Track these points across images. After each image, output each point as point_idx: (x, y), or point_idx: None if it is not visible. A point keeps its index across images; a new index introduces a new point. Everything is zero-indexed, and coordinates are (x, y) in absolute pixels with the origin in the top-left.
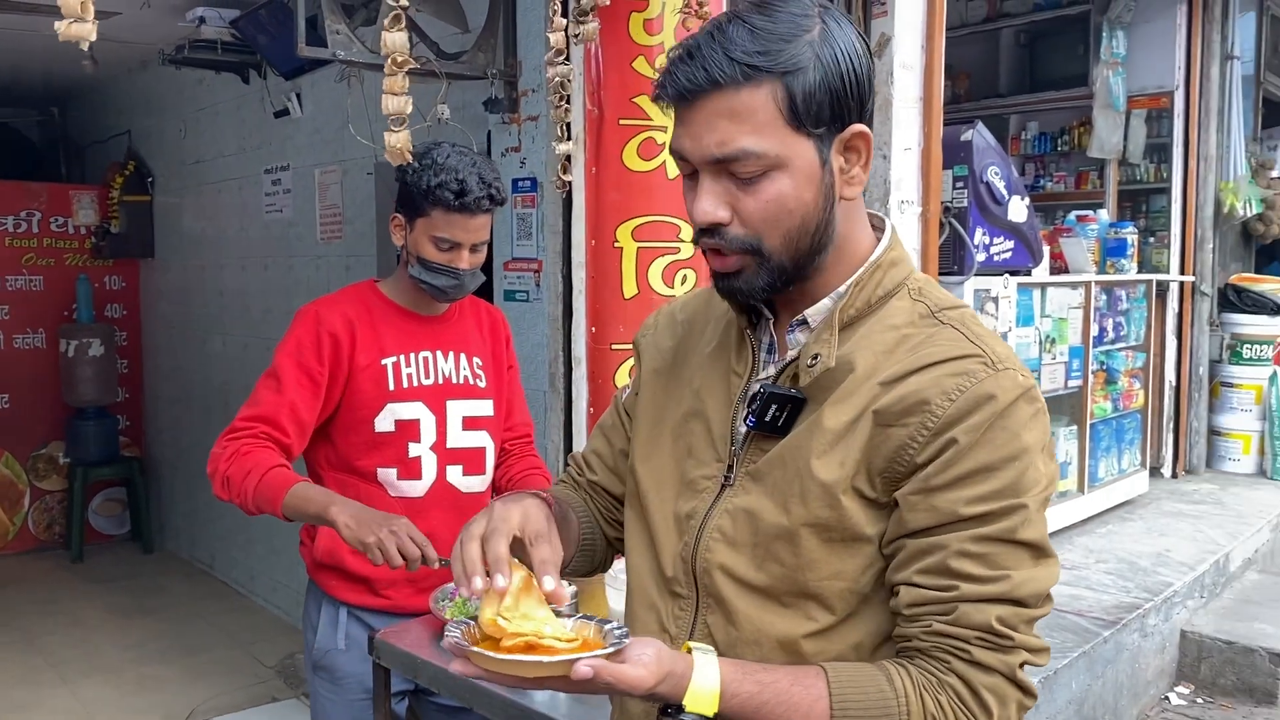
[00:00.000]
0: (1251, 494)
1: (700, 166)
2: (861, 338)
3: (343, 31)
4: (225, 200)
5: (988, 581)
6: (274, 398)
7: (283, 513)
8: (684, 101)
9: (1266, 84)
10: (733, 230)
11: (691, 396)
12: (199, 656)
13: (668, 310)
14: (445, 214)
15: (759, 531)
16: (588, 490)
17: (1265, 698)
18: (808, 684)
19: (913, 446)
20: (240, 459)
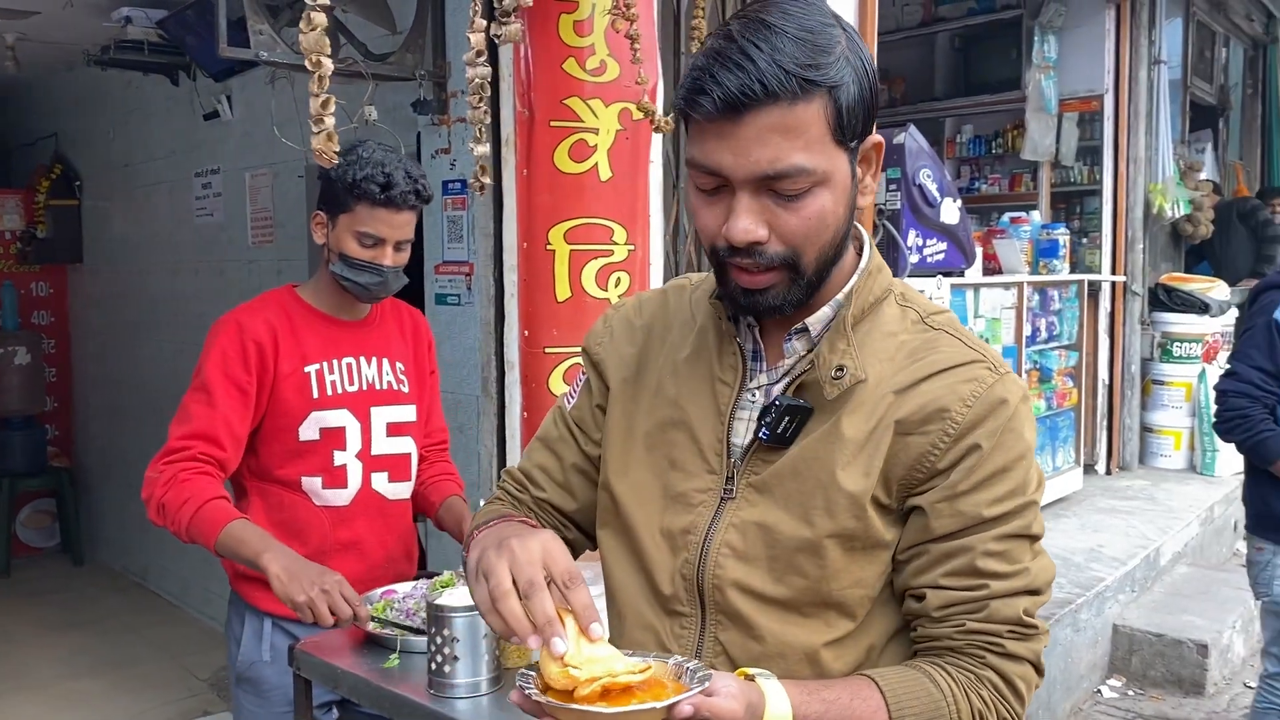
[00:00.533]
0: (1182, 489)
1: (740, 183)
2: (863, 346)
3: (266, 32)
4: (155, 204)
5: (1012, 577)
6: (207, 412)
7: (215, 550)
8: (731, 113)
9: (1193, 88)
10: (771, 248)
11: (668, 406)
12: (129, 670)
13: (621, 316)
14: (370, 208)
15: (776, 545)
16: (532, 508)
17: (1193, 688)
18: (865, 696)
19: (934, 453)
20: (178, 486)
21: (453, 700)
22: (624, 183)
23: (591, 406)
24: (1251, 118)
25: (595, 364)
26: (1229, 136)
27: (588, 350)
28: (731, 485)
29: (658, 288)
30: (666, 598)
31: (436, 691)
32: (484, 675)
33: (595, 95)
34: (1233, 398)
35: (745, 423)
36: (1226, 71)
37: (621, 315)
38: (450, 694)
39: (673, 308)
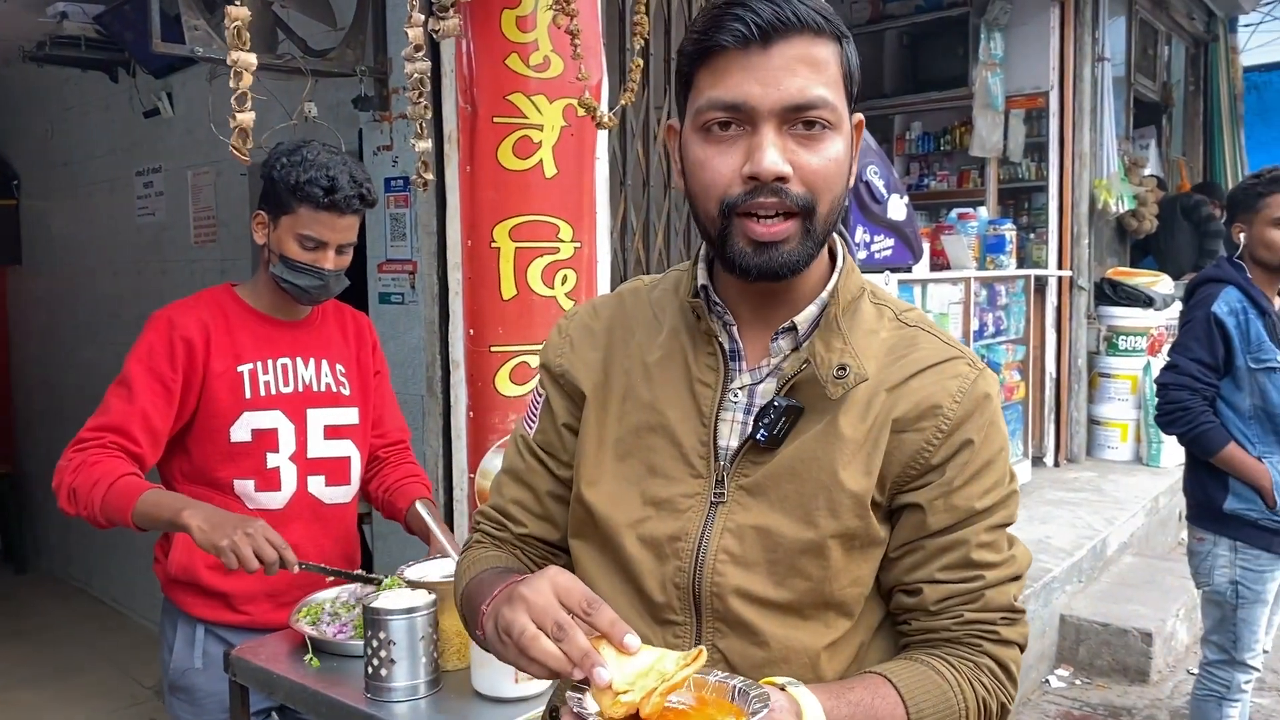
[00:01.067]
0: (1129, 480)
1: (766, 116)
2: (853, 344)
3: (202, 27)
4: (96, 203)
5: (1001, 566)
6: (124, 406)
7: (133, 521)
8: (761, 40)
9: (1137, 85)
10: (793, 188)
11: (642, 410)
12: (73, 679)
13: (578, 324)
14: (313, 211)
15: (777, 548)
16: (517, 545)
17: (1139, 676)
18: (883, 694)
19: (929, 449)
20: (87, 469)
21: (390, 704)
22: (569, 179)
23: (557, 427)
24: (1193, 114)
25: (559, 376)
26: (1172, 133)
27: (548, 366)
28: (721, 489)
29: (610, 292)
30: (658, 606)
31: (374, 695)
32: (422, 678)
33: (539, 91)
34: (1173, 390)
35: (730, 424)
36: (1169, 69)
37: (578, 322)
38: (388, 698)
39: (631, 310)
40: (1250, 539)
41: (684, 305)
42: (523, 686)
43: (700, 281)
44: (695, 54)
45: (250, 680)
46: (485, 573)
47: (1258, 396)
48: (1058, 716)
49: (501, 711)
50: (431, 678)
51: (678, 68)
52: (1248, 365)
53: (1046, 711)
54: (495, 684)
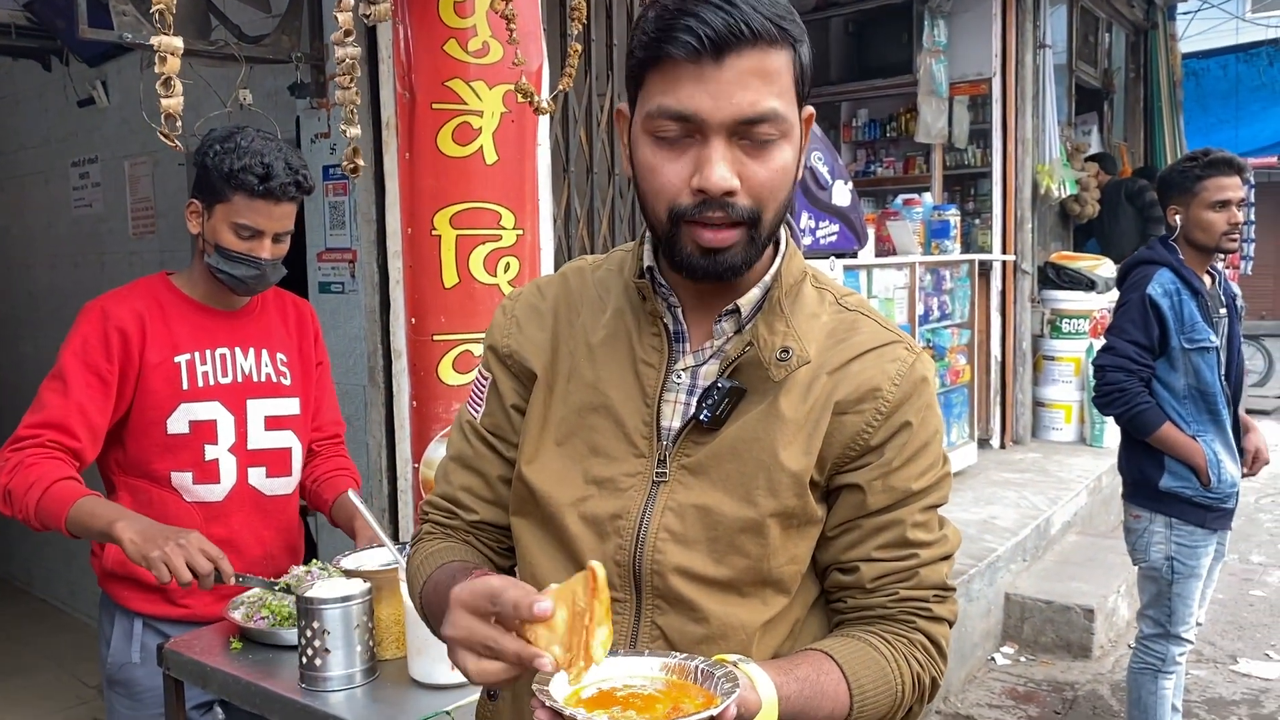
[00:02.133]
0: (1073, 460)
1: (716, 129)
2: (795, 327)
3: (130, 12)
4: (31, 195)
5: (934, 545)
6: (60, 401)
7: (67, 529)
8: (715, 54)
9: (1078, 71)
10: (740, 200)
11: (585, 390)
12: (16, 681)
13: (523, 305)
14: (248, 200)
15: (717, 526)
16: (469, 532)
17: (1081, 651)
18: (826, 670)
19: (868, 431)
20: (24, 470)
21: (325, 694)
22: (511, 166)
23: (505, 410)
24: (1135, 100)
25: (507, 357)
26: (1113, 118)
27: (495, 347)
28: (663, 468)
29: (554, 273)
30: None
31: (309, 685)
32: (358, 666)
33: (478, 77)
34: (1110, 372)
35: (673, 405)
36: (1110, 56)
37: (524, 303)
38: (323, 687)
39: (575, 290)
40: (1185, 515)
41: (629, 286)
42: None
43: (646, 263)
44: (645, 60)
45: (184, 673)
46: (438, 571)
47: (1192, 376)
48: (1003, 693)
49: (438, 698)
50: (367, 666)
51: (628, 63)
52: (1182, 346)
53: (992, 688)
54: (431, 671)
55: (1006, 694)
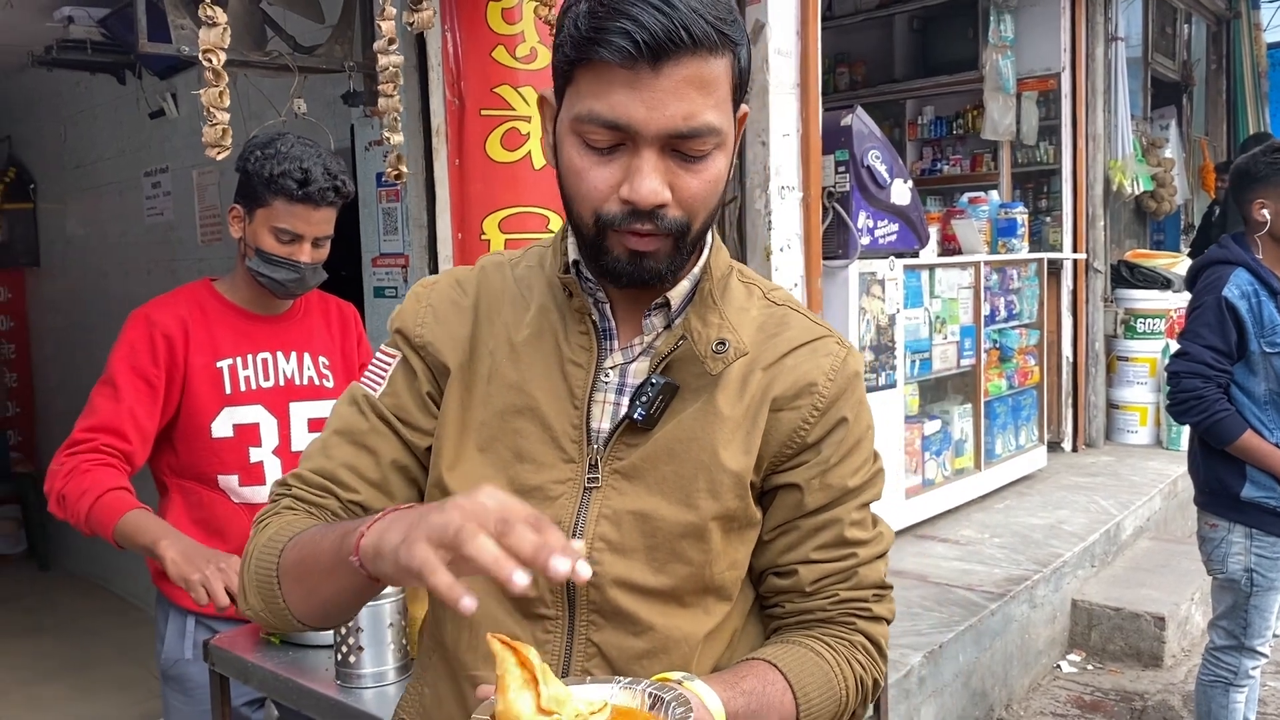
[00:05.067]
0: (1146, 464)
1: (649, 140)
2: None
3: (188, 26)
4: (107, 205)
5: (872, 543)
6: (112, 405)
7: (114, 540)
8: (652, 60)
9: (1154, 64)
10: (670, 213)
11: (508, 392)
12: (91, 673)
13: (440, 295)
14: (288, 204)
15: (656, 533)
16: (340, 515)
17: (1152, 660)
18: (771, 680)
19: (805, 427)
20: (78, 477)
21: (359, 690)
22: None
23: (419, 394)
24: (1215, 93)
25: (420, 348)
26: (1193, 112)
27: (405, 332)
28: (595, 473)
29: (470, 265)
30: (528, 601)
31: (344, 682)
32: (390, 664)
33: (526, 83)
34: (1186, 379)
35: (602, 405)
36: (1189, 47)
37: (441, 294)
38: (357, 684)
39: (496, 286)
40: (1267, 526)
41: (554, 282)
42: None
43: (571, 257)
44: (575, 59)
45: (228, 669)
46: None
47: (1273, 381)
48: (1068, 701)
49: None
50: (400, 664)
51: (555, 55)
52: (1262, 349)
53: (1057, 696)
54: None
55: (1072, 702)
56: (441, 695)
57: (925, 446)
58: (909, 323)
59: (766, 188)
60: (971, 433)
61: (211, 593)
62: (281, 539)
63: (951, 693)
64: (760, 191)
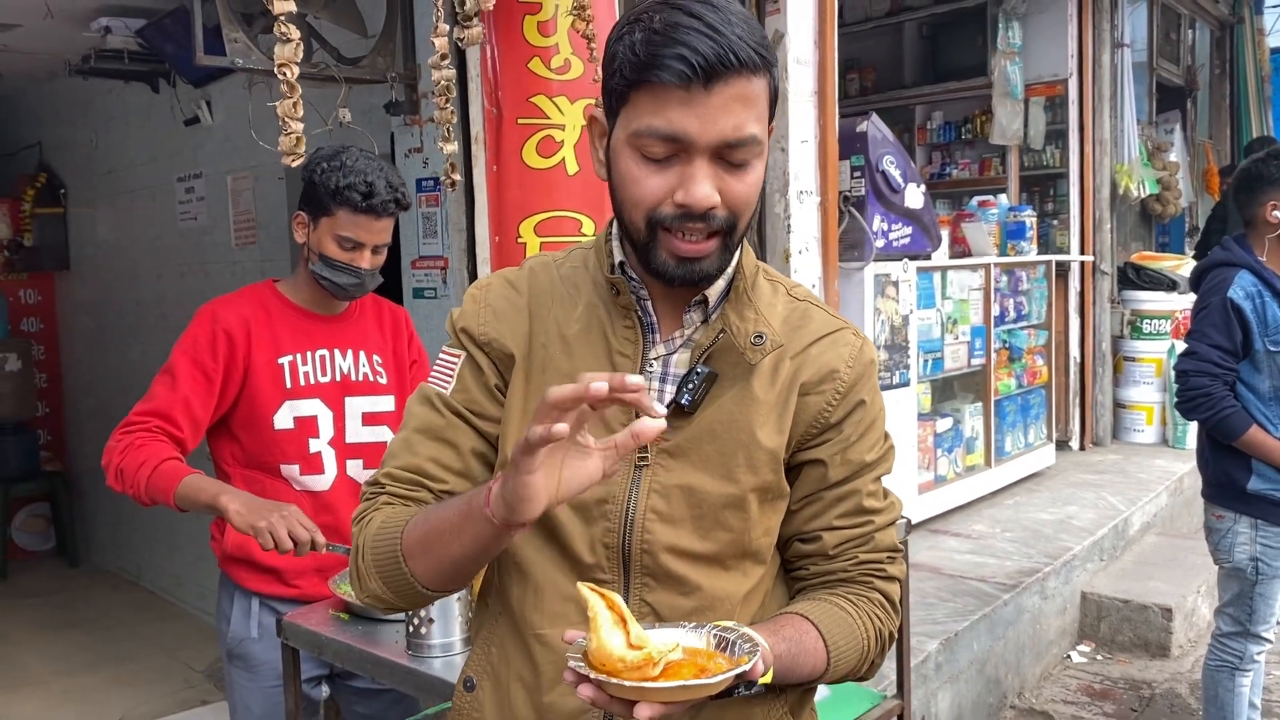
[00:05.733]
0: (1153, 462)
1: (702, 150)
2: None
3: (241, 40)
4: (139, 209)
5: (886, 510)
6: (168, 394)
7: (175, 502)
8: (705, 81)
9: (1160, 70)
10: (719, 214)
11: (562, 381)
12: (127, 665)
13: (497, 295)
14: (351, 214)
15: (701, 504)
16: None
17: (1159, 651)
18: (805, 629)
19: (829, 409)
20: (134, 451)
21: (430, 659)
22: (590, 176)
23: (487, 386)
24: (1220, 97)
25: (486, 343)
26: (1197, 116)
27: (470, 332)
28: (644, 453)
29: (519, 268)
30: (587, 566)
31: (414, 652)
32: (457, 635)
33: (561, 93)
34: (1194, 377)
35: (649, 392)
36: (1193, 53)
37: (497, 294)
38: (426, 654)
39: (545, 285)
40: (1271, 517)
41: (600, 281)
42: None
43: (617, 258)
44: (634, 81)
45: (301, 643)
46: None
47: (1276, 378)
48: (1079, 689)
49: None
50: (466, 636)
51: (610, 79)
52: (1266, 348)
53: (1067, 685)
54: None
55: (1082, 691)
56: (509, 652)
57: (937, 443)
58: (922, 323)
59: (786, 192)
60: (982, 430)
61: (276, 538)
62: (394, 524)
63: (967, 679)
64: (780, 196)
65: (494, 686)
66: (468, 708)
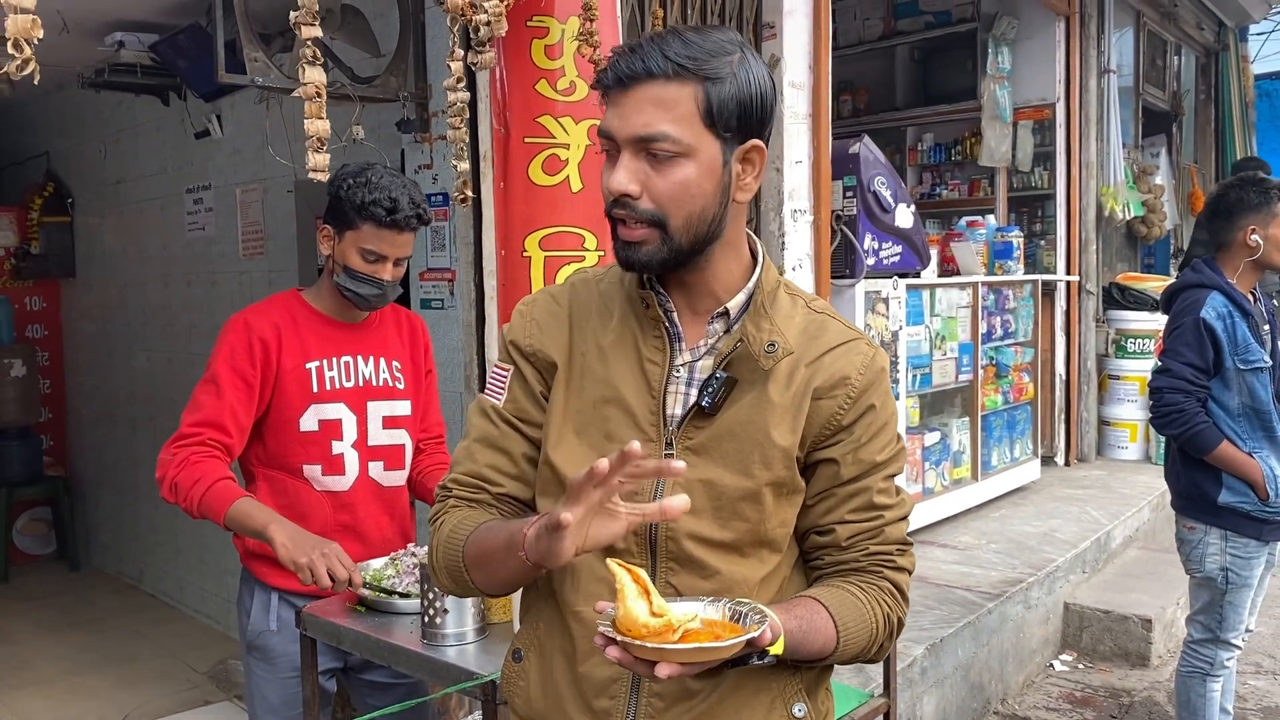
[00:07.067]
0: (1136, 478)
1: (623, 144)
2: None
3: (260, 59)
4: (147, 219)
5: (896, 506)
6: (215, 402)
7: (224, 524)
8: (620, 87)
9: (1145, 95)
10: (642, 204)
11: (599, 385)
12: (130, 666)
13: (542, 309)
14: (375, 229)
15: (721, 497)
16: (494, 505)
17: (1139, 660)
18: (816, 610)
19: (840, 413)
20: (189, 467)
21: (444, 648)
22: (593, 193)
23: (533, 395)
24: (1205, 122)
25: (531, 355)
26: (1182, 140)
27: (518, 344)
28: (670, 450)
29: (562, 283)
30: (619, 551)
31: (429, 641)
32: (470, 626)
33: (566, 113)
34: (1168, 393)
35: (675, 395)
36: (1179, 78)
37: (542, 308)
38: (441, 642)
39: (584, 299)
40: (1240, 529)
41: (633, 295)
42: None
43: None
44: (599, 91)
45: (320, 634)
46: (492, 521)
47: (1246, 395)
48: (1060, 697)
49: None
50: (479, 626)
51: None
52: (1236, 366)
53: (1049, 693)
54: None
55: (1064, 698)
56: (553, 628)
57: (925, 457)
58: (911, 339)
59: (780, 211)
60: (969, 445)
61: (316, 576)
62: (461, 534)
63: (951, 684)
64: (774, 214)
65: (539, 658)
66: (515, 676)
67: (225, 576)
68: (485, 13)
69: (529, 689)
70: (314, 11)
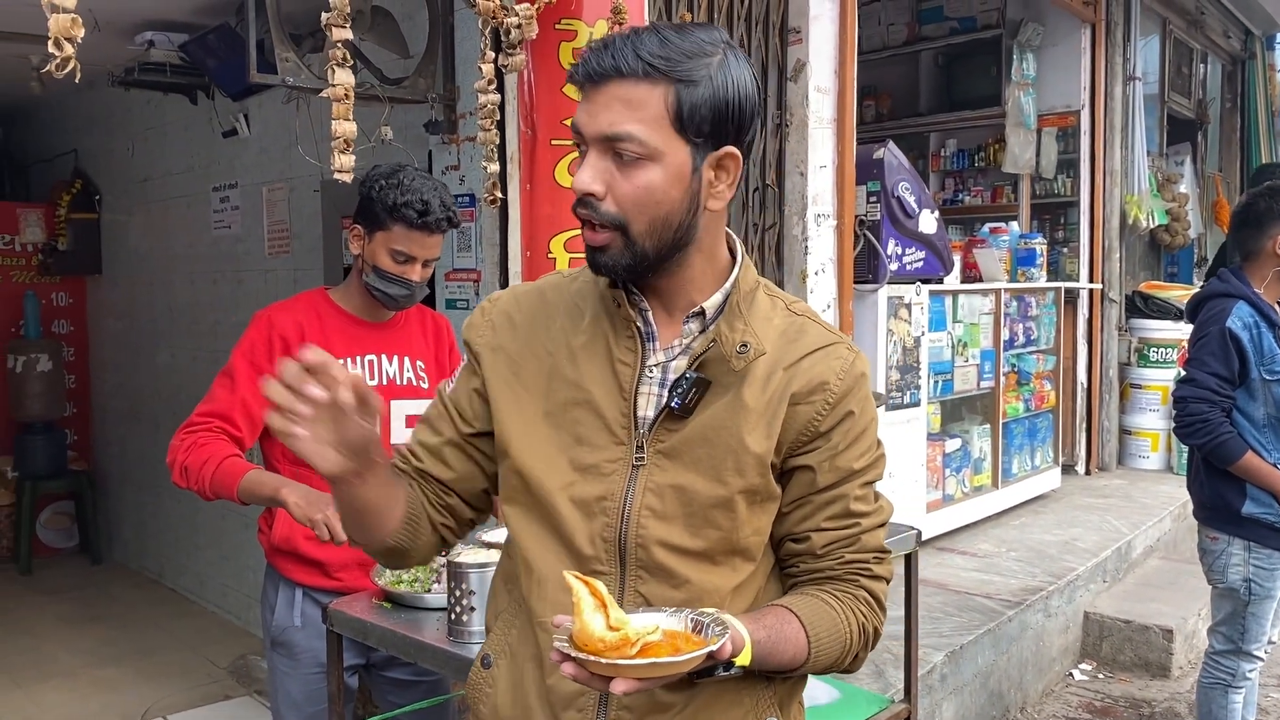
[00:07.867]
0: (1157, 488)
1: (590, 142)
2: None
3: (291, 59)
4: (173, 217)
5: (873, 514)
6: (228, 395)
7: (238, 496)
8: (590, 83)
9: (1170, 102)
10: (605, 206)
11: (568, 387)
12: (151, 660)
13: (499, 310)
14: (406, 230)
15: (692, 503)
16: (415, 477)
17: (1160, 671)
18: (787, 619)
19: (818, 419)
20: (198, 449)
21: (470, 644)
22: None
23: (469, 391)
24: (1230, 130)
25: (477, 354)
26: (1207, 149)
27: (469, 342)
28: (641, 454)
29: (531, 285)
30: (586, 558)
31: (456, 638)
32: None
33: None
34: (1192, 403)
35: (647, 397)
36: (1205, 87)
37: (500, 309)
38: (467, 639)
39: (552, 302)
40: (1264, 540)
41: (605, 295)
42: None
43: None
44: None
45: (347, 629)
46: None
47: (1271, 406)
48: (1079, 707)
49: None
50: None
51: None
52: (1262, 376)
53: (1069, 702)
54: None
55: (1083, 708)
56: (524, 635)
57: (946, 463)
58: (933, 345)
59: (804, 215)
60: (989, 452)
61: (331, 530)
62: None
63: (971, 691)
64: (798, 219)
65: (510, 665)
66: (482, 683)
67: (246, 572)
68: (516, 15)
69: (496, 696)
70: (346, 13)
